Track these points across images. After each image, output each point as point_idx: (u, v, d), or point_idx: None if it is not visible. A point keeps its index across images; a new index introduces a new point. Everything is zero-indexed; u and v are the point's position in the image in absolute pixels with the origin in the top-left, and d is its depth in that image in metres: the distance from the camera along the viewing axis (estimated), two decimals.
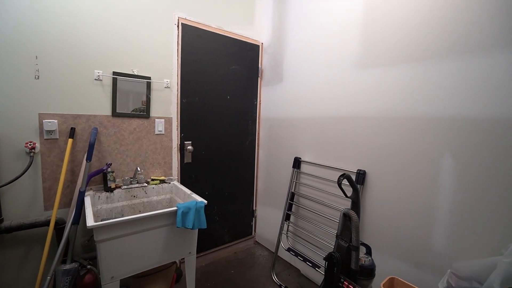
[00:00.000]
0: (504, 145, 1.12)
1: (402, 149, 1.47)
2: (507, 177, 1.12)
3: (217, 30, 2.16)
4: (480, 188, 1.20)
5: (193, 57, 2.05)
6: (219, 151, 2.30)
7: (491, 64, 1.15)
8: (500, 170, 1.14)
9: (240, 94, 2.38)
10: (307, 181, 2.05)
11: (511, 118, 1.10)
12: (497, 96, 1.14)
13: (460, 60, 1.24)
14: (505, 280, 0.94)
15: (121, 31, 1.71)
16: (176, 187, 1.85)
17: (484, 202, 1.19)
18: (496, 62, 1.14)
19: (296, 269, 2.19)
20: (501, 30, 1.12)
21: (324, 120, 1.90)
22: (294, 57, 2.14)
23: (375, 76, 1.58)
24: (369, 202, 1.63)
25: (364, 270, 1.31)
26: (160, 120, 1.94)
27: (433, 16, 1.33)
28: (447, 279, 1.21)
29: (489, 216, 1.17)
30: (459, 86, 1.24)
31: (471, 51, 1.20)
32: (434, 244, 1.35)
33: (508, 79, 1.11)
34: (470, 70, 1.21)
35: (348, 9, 1.72)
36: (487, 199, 1.18)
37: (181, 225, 1.36)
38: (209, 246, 2.30)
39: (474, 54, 1.20)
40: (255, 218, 2.65)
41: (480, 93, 1.18)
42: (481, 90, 1.18)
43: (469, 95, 1.22)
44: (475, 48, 1.19)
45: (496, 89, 1.14)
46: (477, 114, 1.19)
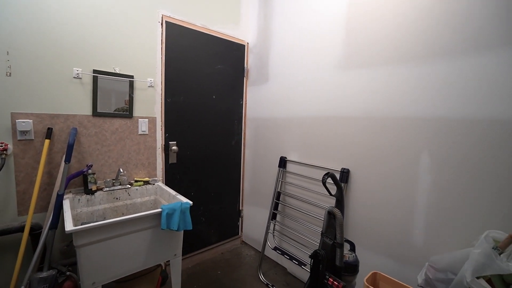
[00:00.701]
0: (477, 144, 1.19)
1: (383, 148, 1.52)
2: (479, 174, 1.19)
3: (202, 29, 2.13)
4: (455, 185, 1.26)
5: (177, 56, 2.01)
6: (205, 151, 2.27)
7: (466, 67, 1.22)
8: (473, 168, 1.21)
9: (225, 93, 2.37)
10: (293, 180, 2.08)
11: (484, 119, 1.17)
12: (472, 98, 1.20)
13: (436, 63, 1.30)
14: (475, 270, 1.00)
15: (102, 28, 1.65)
16: (161, 188, 1.81)
17: (458, 198, 1.25)
18: (472, 65, 1.20)
19: (283, 268, 2.22)
20: (477, 33, 1.19)
21: (309, 120, 1.93)
22: (280, 58, 2.16)
23: (357, 78, 1.62)
24: (352, 199, 1.67)
25: (348, 266, 1.35)
26: (144, 120, 1.89)
27: (411, 20, 1.38)
28: (425, 271, 1.27)
29: (463, 211, 1.24)
30: (436, 88, 1.31)
31: (448, 54, 1.27)
32: (414, 238, 1.41)
33: (483, 81, 1.17)
34: (447, 72, 1.27)
35: (331, 13, 1.76)
36: (461, 195, 1.25)
37: (166, 227, 1.34)
38: (195, 247, 2.27)
39: (451, 57, 1.26)
40: (241, 218, 2.65)
41: (455, 95, 1.25)
42: (457, 92, 1.24)
43: (445, 97, 1.28)
44: (451, 52, 1.26)
45: (471, 91, 1.21)
46: (453, 115, 1.26)
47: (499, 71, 1.13)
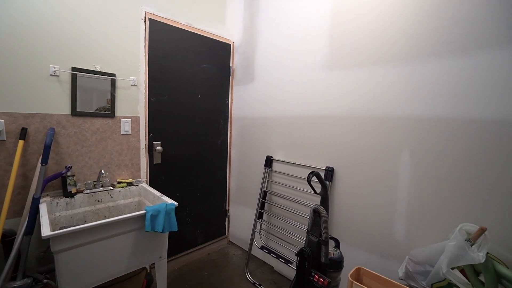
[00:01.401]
0: (453, 142, 1.26)
1: (366, 146, 1.56)
2: (455, 171, 1.25)
3: (187, 27, 2.10)
4: (432, 181, 1.33)
5: (162, 55, 1.97)
6: (191, 151, 2.24)
7: (442, 69, 1.28)
8: (449, 165, 1.27)
9: (211, 93, 2.35)
10: (279, 179, 2.09)
11: (459, 118, 1.24)
12: (448, 98, 1.27)
13: (414, 65, 1.36)
14: (450, 261, 1.06)
15: (82, 24, 1.58)
16: (145, 189, 1.77)
17: (436, 194, 1.32)
18: (447, 67, 1.26)
19: (270, 266, 2.23)
20: (453, 37, 1.25)
21: (295, 120, 1.95)
22: (265, 58, 2.17)
23: (341, 78, 1.66)
24: (337, 197, 1.71)
25: (333, 263, 1.38)
26: (127, 120, 1.84)
27: (392, 23, 1.43)
28: (406, 265, 1.32)
29: (440, 206, 1.31)
30: (414, 88, 1.36)
31: (425, 56, 1.32)
32: (395, 234, 1.46)
33: (459, 83, 1.24)
34: (424, 74, 1.33)
35: (315, 14, 1.79)
36: (438, 191, 1.31)
37: (150, 229, 1.31)
38: (182, 249, 2.24)
39: (428, 59, 1.32)
40: (228, 218, 2.64)
41: (432, 95, 1.31)
42: (434, 92, 1.31)
43: (422, 97, 1.34)
44: (428, 54, 1.32)
45: (448, 92, 1.27)
46: (430, 114, 1.32)
47: (473, 73, 1.19)
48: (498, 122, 1.13)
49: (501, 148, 1.13)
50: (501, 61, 1.12)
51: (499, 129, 1.13)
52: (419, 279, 1.24)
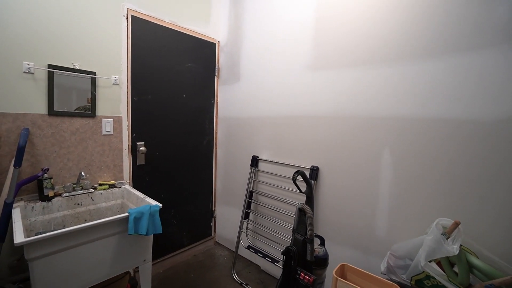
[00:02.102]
0: (430, 141, 1.32)
1: (349, 145, 1.61)
2: (432, 168, 1.32)
3: (171, 25, 2.06)
4: (411, 179, 1.38)
5: (145, 53, 1.92)
6: (175, 152, 2.21)
7: (421, 71, 1.34)
8: (427, 163, 1.33)
9: (196, 92, 2.32)
10: (265, 179, 2.11)
11: (436, 119, 1.30)
12: (426, 99, 1.33)
13: (396, 66, 1.41)
14: (428, 254, 1.11)
15: (59, 19, 1.52)
16: (128, 191, 1.72)
17: (414, 190, 1.38)
18: (427, 69, 1.32)
19: (257, 266, 2.24)
20: (433, 40, 1.31)
21: (280, 119, 1.97)
22: (251, 58, 2.17)
23: (325, 78, 1.70)
24: (322, 196, 1.75)
25: (319, 260, 1.41)
26: (108, 120, 1.78)
27: (374, 26, 1.48)
28: (387, 260, 1.37)
29: (418, 202, 1.37)
30: (394, 89, 1.42)
31: (405, 59, 1.38)
32: (377, 230, 1.52)
33: (436, 84, 1.30)
34: (404, 75, 1.39)
35: (300, 15, 1.81)
36: (416, 188, 1.37)
37: (134, 231, 1.28)
38: (167, 251, 2.20)
39: (408, 62, 1.37)
40: (214, 218, 2.62)
41: (411, 96, 1.37)
42: (412, 93, 1.36)
43: (401, 98, 1.39)
44: (408, 57, 1.37)
45: (426, 93, 1.33)
46: (408, 114, 1.37)
47: (450, 75, 1.26)
48: (472, 122, 1.20)
49: (474, 147, 1.20)
50: (477, 64, 1.19)
51: (473, 129, 1.20)
52: (399, 273, 1.29)
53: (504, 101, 1.12)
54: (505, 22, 1.11)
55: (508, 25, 1.11)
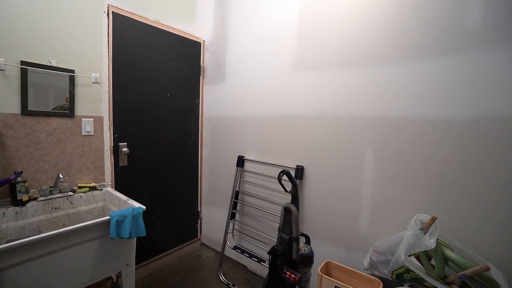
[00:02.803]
0: (409, 141, 1.37)
1: (334, 145, 1.64)
2: (412, 167, 1.37)
3: (154, 23, 2.02)
4: (392, 177, 1.43)
5: (127, 51, 1.87)
6: (160, 152, 2.16)
7: (401, 72, 1.39)
8: (406, 162, 1.39)
9: (181, 92, 2.29)
10: (251, 179, 2.11)
11: (415, 119, 1.35)
12: (406, 100, 1.38)
13: (378, 68, 1.46)
14: (407, 249, 1.15)
15: (34, 14, 1.44)
16: (110, 193, 1.67)
17: (395, 188, 1.43)
18: (407, 70, 1.38)
19: (243, 266, 2.24)
20: (414, 43, 1.36)
21: (266, 120, 1.98)
22: (236, 57, 2.17)
23: (310, 79, 1.72)
24: (307, 195, 1.77)
25: (304, 259, 1.43)
26: (88, 120, 1.71)
27: (357, 28, 1.52)
28: (370, 255, 1.42)
29: (399, 199, 1.42)
30: (375, 90, 1.46)
31: (386, 61, 1.43)
32: (361, 227, 1.56)
33: (415, 85, 1.35)
34: (384, 76, 1.43)
35: (285, 17, 1.83)
36: (397, 185, 1.42)
37: (116, 235, 1.24)
38: (151, 254, 2.15)
39: (388, 63, 1.42)
40: (200, 219, 2.59)
41: (391, 97, 1.42)
42: (393, 94, 1.41)
43: (382, 98, 1.44)
44: (388, 59, 1.42)
45: (405, 94, 1.38)
46: (389, 114, 1.42)
47: (426, 78, 1.31)
48: (447, 122, 1.26)
49: (449, 146, 1.26)
50: (452, 67, 1.25)
51: (448, 128, 1.26)
52: (381, 268, 1.33)
53: (475, 103, 1.19)
54: (475, 28, 1.18)
55: (477, 31, 1.17)
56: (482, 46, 1.17)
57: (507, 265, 1.12)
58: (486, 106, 1.17)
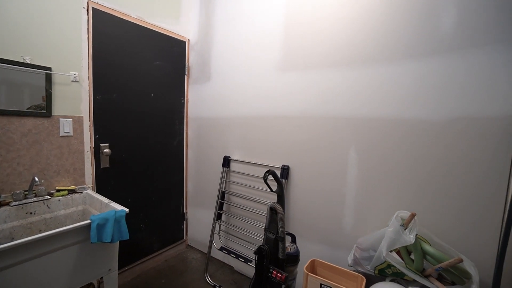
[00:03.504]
0: (388, 139, 1.42)
1: (319, 145, 1.67)
2: (393, 165, 1.42)
3: (138, 21, 1.97)
4: (374, 176, 1.48)
5: (109, 49, 1.81)
6: (144, 153, 2.11)
7: (380, 74, 1.43)
8: (388, 160, 1.44)
9: (165, 92, 2.24)
10: (237, 179, 2.10)
11: (394, 119, 1.40)
12: (386, 100, 1.43)
13: (360, 69, 1.50)
14: (389, 245, 1.20)
15: (6, 8, 1.36)
16: (91, 196, 1.61)
17: (377, 186, 1.48)
18: (384, 72, 1.42)
19: (230, 267, 2.23)
20: (387, 47, 1.41)
21: (252, 120, 1.98)
22: (222, 57, 2.16)
23: (294, 79, 1.74)
24: (293, 194, 1.79)
25: (290, 258, 1.44)
26: (67, 120, 1.64)
27: (340, 31, 1.56)
28: (354, 252, 1.46)
29: (381, 197, 1.47)
30: (357, 90, 1.50)
31: (368, 62, 1.47)
32: (345, 225, 1.60)
33: (395, 86, 1.40)
34: (366, 78, 1.48)
35: (270, 18, 1.84)
36: (379, 184, 1.47)
37: (97, 240, 1.20)
38: (136, 258, 2.09)
39: (370, 65, 1.46)
40: (186, 221, 2.55)
41: (373, 97, 1.46)
42: (374, 94, 1.46)
43: (366, 99, 1.48)
44: (370, 60, 1.46)
45: (386, 95, 1.43)
46: (372, 114, 1.47)
47: (406, 79, 1.37)
48: (426, 122, 1.32)
49: (427, 145, 1.32)
50: (430, 69, 1.31)
51: (427, 128, 1.32)
52: (364, 264, 1.37)
53: (451, 104, 1.25)
54: (450, 33, 1.24)
55: (453, 36, 1.24)
56: (458, 50, 1.23)
57: (479, 257, 1.19)
58: (462, 107, 1.23)
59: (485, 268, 1.16)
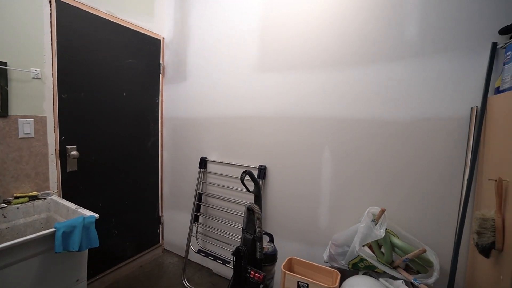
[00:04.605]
0: (361, 139, 1.49)
1: (295, 145, 1.70)
2: (365, 163, 1.49)
3: (108, 16, 1.87)
4: (347, 173, 1.54)
5: (76, 45, 1.70)
6: (116, 155, 2.01)
7: (352, 76, 1.50)
8: (359, 159, 1.50)
9: (139, 91, 2.16)
10: (214, 180, 2.08)
11: (367, 119, 1.47)
12: (356, 101, 1.49)
13: (330, 72, 1.55)
14: (361, 240, 1.25)
15: None
16: (56, 203, 1.50)
17: (350, 184, 1.54)
18: (356, 74, 1.49)
19: (208, 269, 2.20)
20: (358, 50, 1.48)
21: (229, 120, 1.97)
22: (198, 56, 2.12)
23: (271, 80, 1.76)
24: (270, 194, 1.81)
25: (268, 257, 1.45)
26: (27, 120, 1.51)
27: (315, 34, 1.60)
28: (329, 249, 1.50)
29: (354, 194, 1.53)
30: (330, 92, 1.56)
31: (338, 65, 1.53)
32: (320, 222, 1.64)
33: (365, 88, 1.47)
34: (338, 79, 1.53)
35: (247, 17, 1.84)
36: (352, 182, 1.53)
37: (63, 249, 1.12)
38: (108, 266, 1.98)
39: (341, 67, 1.52)
40: (162, 224, 2.47)
41: (343, 99, 1.52)
42: (344, 96, 1.52)
43: (338, 100, 1.54)
44: (341, 62, 1.52)
45: (356, 96, 1.49)
46: (344, 115, 1.53)
47: (376, 82, 1.44)
48: (394, 123, 1.40)
49: (396, 144, 1.40)
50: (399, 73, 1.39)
51: (395, 128, 1.40)
52: (339, 260, 1.42)
53: (414, 105, 1.34)
54: (414, 40, 1.33)
55: (416, 43, 1.33)
56: (421, 56, 1.32)
57: (439, 246, 1.29)
58: (423, 109, 1.33)
59: (444, 256, 1.26)
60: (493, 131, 1.12)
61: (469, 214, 1.22)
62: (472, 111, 1.22)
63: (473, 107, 1.22)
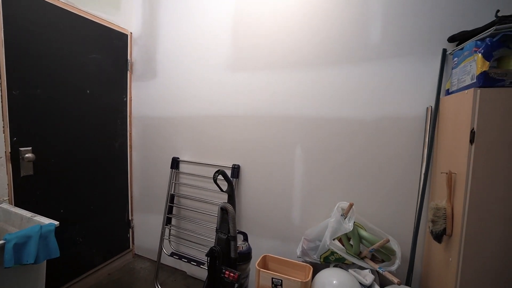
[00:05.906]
0: (330, 137, 1.55)
1: (267, 143, 1.72)
2: (333, 160, 1.55)
3: (67, 6, 1.72)
4: (318, 170, 1.60)
5: (30, 37, 1.55)
6: (79, 158, 1.87)
7: (321, 76, 1.55)
8: (329, 156, 1.56)
9: (105, 88, 2.03)
10: (187, 181, 2.04)
11: (334, 117, 1.54)
12: (326, 100, 1.55)
13: (300, 71, 1.60)
14: (332, 234, 1.31)
15: None
16: (7, 211, 1.36)
17: (321, 181, 1.60)
18: (325, 74, 1.54)
19: (182, 272, 2.14)
20: (326, 51, 1.53)
21: (201, 119, 1.94)
22: (169, 54, 2.05)
23: (244, 80, 1.77)
24: (244, 193, 1.82)
25: (242, 256, 1.46)
26: None
27: (283, 35, 1.63)
28: (301, 244, 1.55)
29: (324, 190, 1.59)
30: (301, 91, 1.60)
31: (308, 65, 1.58)
32: (293, 219, 1.68)
33: (333, 88, 1.53)
34: (307, 79, 1.58)
35: (218, 15, 1.82)
36: (322, 178, 1.59)
37: (14, 263, 1.01)
38: (71, 276, 1.84)
39: (311, 67, 1.57)
40: (132, 228, 2.36)
41: (315, 98, 1.57)
42: (316, 95, 1.57)
43: (308, 99, 1.59)
44: (311, 63, 1.57)
45: (325, 95, 1.55)
46: (314, 114, 1.58)
47: (342, 82, 1.51)
48: (359, 121, 1.48)
49: (361, 141, 1.48)
50: (364, 74, 1.46)
51: (359, 126, 1.48)
52: (311, 254, 1.47)
53: (380, 104, 1.43)
54: (378, 44, 1.42)
55: (379, 46, 1.41)
56: (383, 59, 1.41)
57: (401, 236, 1.39)
58: (387, 108, 1.42)
59: (405, 244, 1.37)
60: (444, 129, 1.24)
61: (426, 205, 1.33)
62: (428, 110, 1.33)
63: (428, 107, 1.33)
